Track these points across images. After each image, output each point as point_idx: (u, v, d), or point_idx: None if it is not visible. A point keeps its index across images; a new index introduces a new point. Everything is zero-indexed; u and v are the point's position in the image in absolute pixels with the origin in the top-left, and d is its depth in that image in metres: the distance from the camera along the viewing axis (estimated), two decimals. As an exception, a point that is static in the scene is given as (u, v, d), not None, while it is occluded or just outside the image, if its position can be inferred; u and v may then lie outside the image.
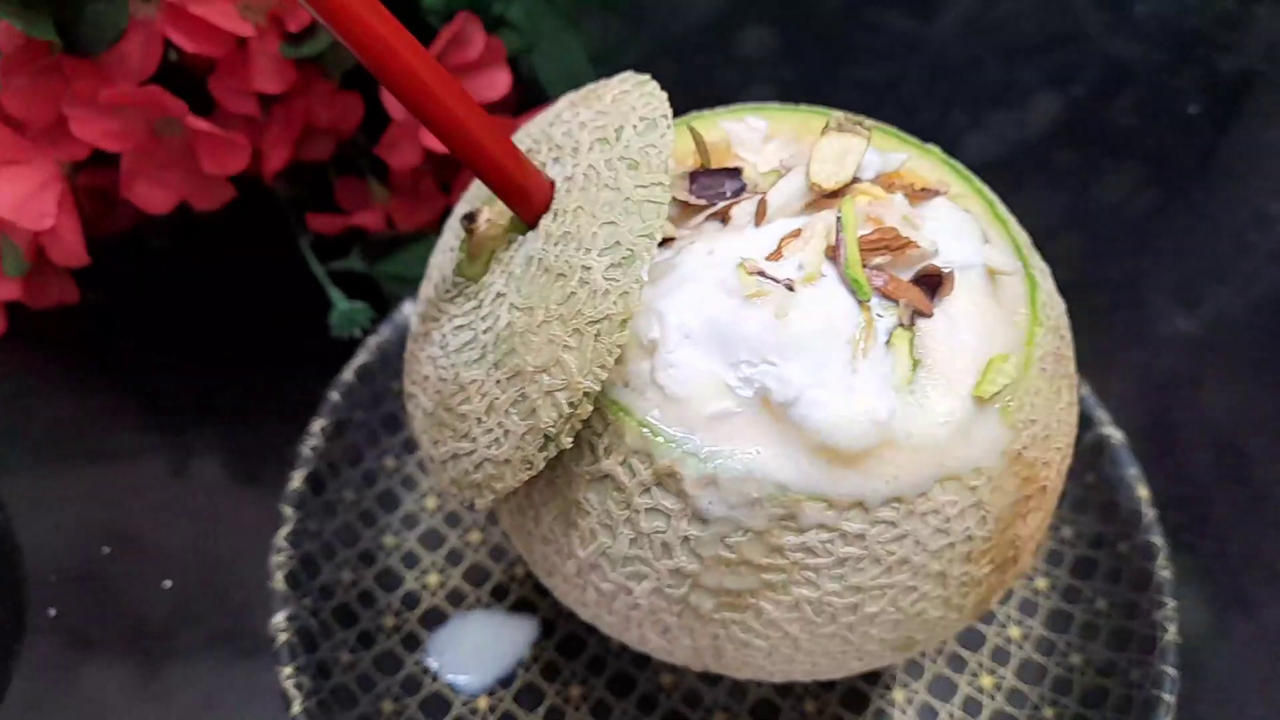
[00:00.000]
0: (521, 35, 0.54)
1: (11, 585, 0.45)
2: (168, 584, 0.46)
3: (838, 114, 0.31)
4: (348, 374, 0.47)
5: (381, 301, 0.53)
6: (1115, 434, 0.46)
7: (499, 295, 0.29)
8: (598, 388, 0.27)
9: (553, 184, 0.29)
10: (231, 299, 0.57)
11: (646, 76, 0.31)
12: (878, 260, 0.29)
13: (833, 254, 0.29)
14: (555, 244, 0.28)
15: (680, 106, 0.33)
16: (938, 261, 0.29)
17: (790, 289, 0.28)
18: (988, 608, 0.33)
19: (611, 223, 0.27)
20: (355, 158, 0.55)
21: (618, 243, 0.27)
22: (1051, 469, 0.31)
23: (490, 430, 0.29)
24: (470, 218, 0.31)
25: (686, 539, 0.28)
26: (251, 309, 0.56)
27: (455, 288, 0.32)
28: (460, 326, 0.30)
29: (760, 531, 0.28)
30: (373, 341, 0.48)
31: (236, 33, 0.44)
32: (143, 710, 0.42)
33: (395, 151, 0.51)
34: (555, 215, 0.28)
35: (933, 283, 0.29)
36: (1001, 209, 0.33)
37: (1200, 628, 0.46)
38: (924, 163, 0.34)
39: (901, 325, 0.28)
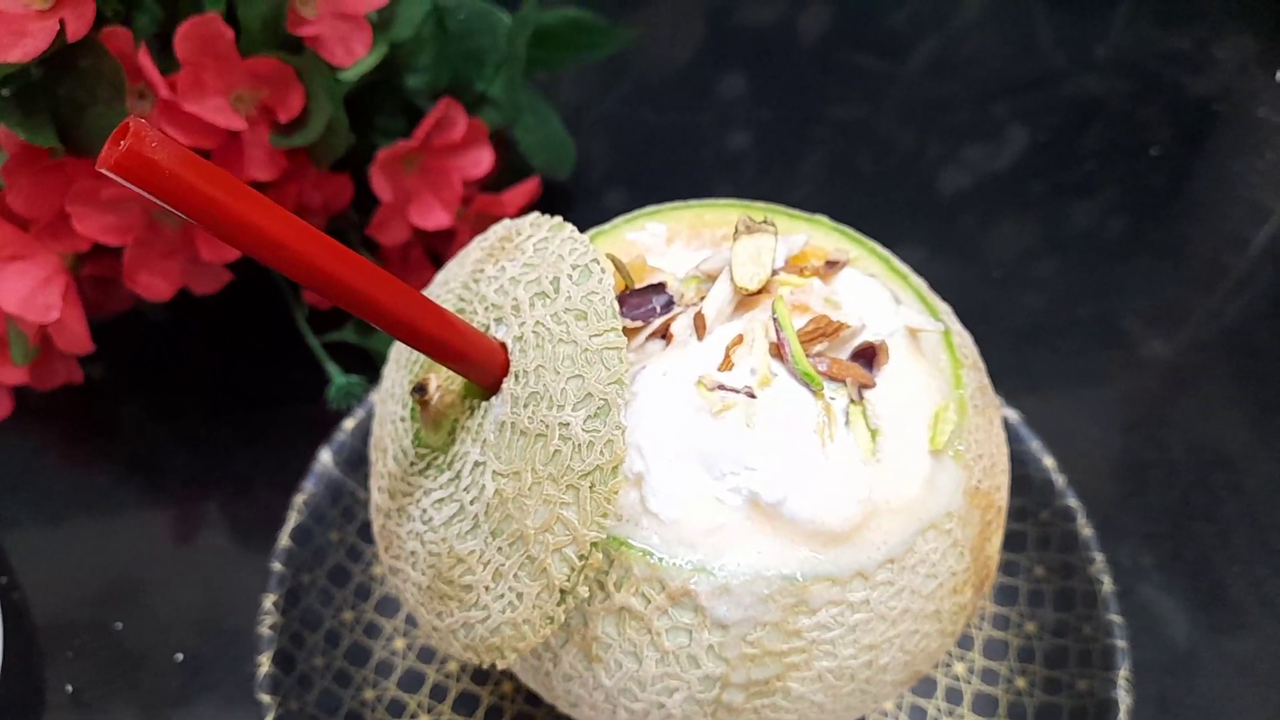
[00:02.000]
0: (501, 111, 0.56)
1: (30, 662, 0.47)
2: (179, 657, 0.47)
3: (741, 218, 0.33)
4: (284, 540, 0.46)
5: (375, 372, 0.55)
6: (1011, 414, 0.51)
7: (477, 464, 0.30)
8: (604, 535, 0.28)
9: (504, 345, 0.30)
10: (231, 371, 0.59)
11: (559, 219, 0.32)
12: (817, 348, 0.31)
13: (777, 352, 0.31)
14: (525, 406, 0.29)
15: (660, 155, 0.35)
16: (867, 335, 0.32)
17: (751, 395, 0.30)
18: (971, 621, 0.36)
19: (577, 376, 0.29)
20: (346, 231, 0.56)
21: (589, 394, 0.28)
22: (1002, 490, 0.34)
23: (503, 595, 0.29)
24: (420, 389, 0.31)
25: (711, 647, 0.30)
26: (250, 381, 0.58)
27: (421, 459, 0.32)
28: (441, 500, 0.31)
29: (777, 622, 0.30)
30: (300, 500, 0.47)
31: (229, 127, 0.46)
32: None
33: (385, 230, 0.53)
34: (516, 377, 0.29)
35: (869, 355, 0.32)
36: (897, 263, 0.36)
37: (1172, 658, 0.50)
38: (820, 234, 0.37)
39: (852, 401, 0.31)
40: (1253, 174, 0.80)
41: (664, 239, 0.37)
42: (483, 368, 0.29)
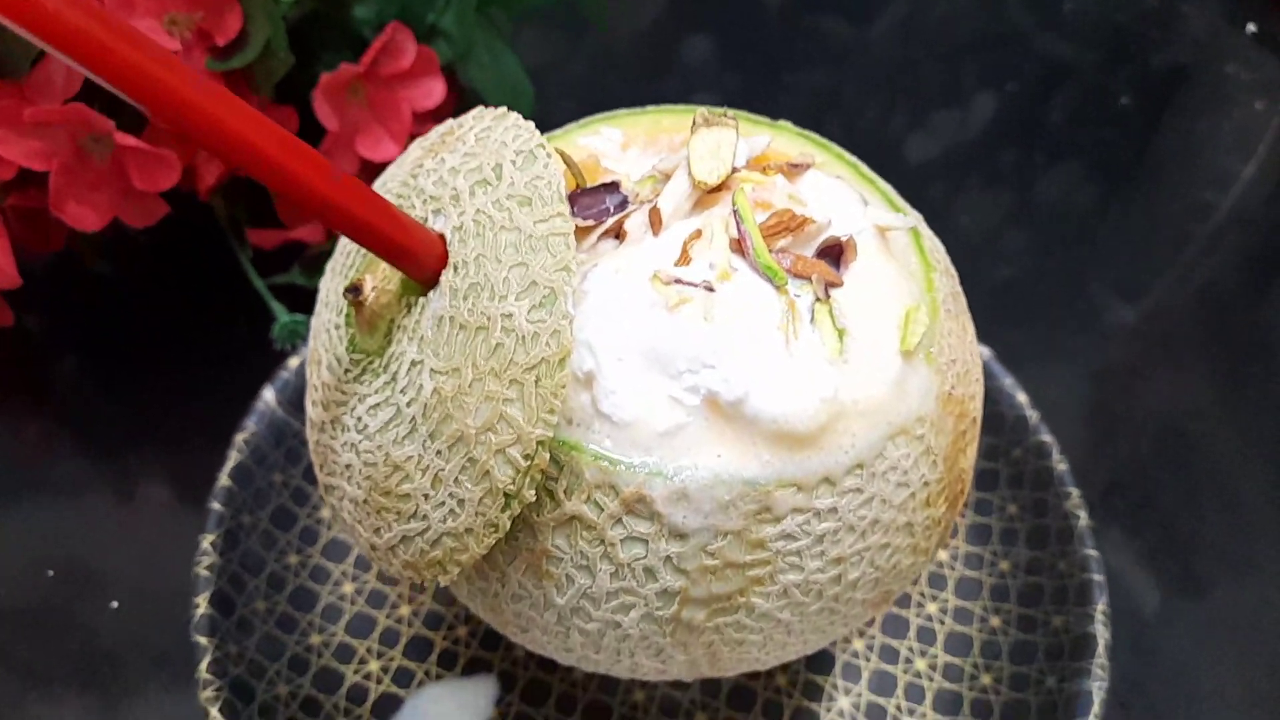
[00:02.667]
0: (453, 45, 0.54)
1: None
2: (114, 604, 0.45)
3: (700, 110, 0.31)
4: (223, 479, 0.44)
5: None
6: (984, 350, 0.49)
7: (415, 363, 0.28)
8: (550, 433, 0.26)
9: (442, 237, 0.28)
10: (172, 319, 0.57)
11: (503, 109, 0.30)
12: (780, 243, 0.29)
13: (738, 247, 0.29)
14: (465, 298, 0.27)
15: None
16: (834, 231, 0.30)
17: (710, 289, 0.28)
18: (945, 542, 0.34)
19: (521, 264, 0.26)
20: None
21: (534, 283, 0.26)
22: (976, 400, 0.32)
23: (443, 503, 0.27)
24: (355, 289, 0.29)
25: (668, 558, 0.28)
26: (192, 329, 0.56)
27: (356, 365, 0.30)
28: (376, 405, 0.29)
29: (738, 531, 0.28)
30: (240, 439, 0.45)
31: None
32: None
33: (332, 161, 0.49)
34: (455, 269, 0.27)
35: (835, 253, 0.30)
36: (865, 169, 0.35)
37: (1148, 610, 0.48)
38: (784, 140, 0.35)
39: (818, 300, 0.29)
40: (1220, 135, 0.79)
41: (619, 145, 0.35)
42: (420, 260, 0.27)
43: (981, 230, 0.68)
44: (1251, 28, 0.82)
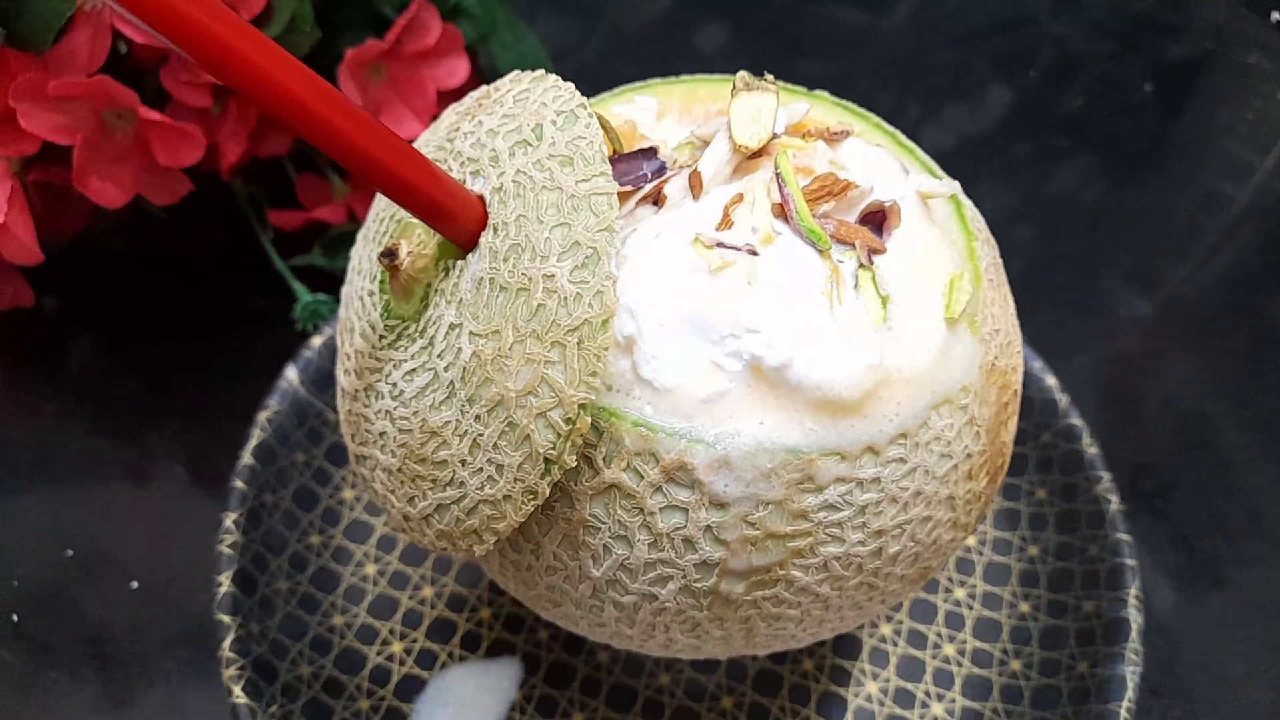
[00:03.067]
0: (476, 25, 0.54)
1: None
2: (134, 585, 0.45)
3: (741, 73, 0.31)
4: (246, 457, 0.43)
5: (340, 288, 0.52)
6: (1012, 333, 0.48)
7: (453, 327, 0.27)
8: (593, 396, 0.26)
9: (481, 198, 0.27)
10: (192, 299, 0.56)
11: (540, 71, 0.29)
12: (824, 208, 0.29)
13: (780, 211, 0.28)
14: (505, 259, 0.26)
15: None
16: (876, 197, 0.30)
17: (753, 253, 0.27)
18: (983, 518, 0.34)
19: (563, 224, 0.26)
20: (313, 151, 0.53)
21: (576, 243, 0.26)
22: (1018, 373, 0.32)
23: (480, 469, 0.27)
24: (390, 254, 0.28)
25: (708, 527, 0.27)
26: (212, 308, 0.56)
27: (391, 331, 0.29)
28: (412, 370, 0.28)
29: (780, 500, 0.27)
30: (263, 418, 0.45)
31: None
32: (106, 716, 0.42)
33: (375, 118, 0.49)
34: (495, 230, 0.27)
35: (878, 219, 0.29)
36: (904, 139, 0.34)
37: (1174, 593, 0.48)
38: (821, 108, 0.34)
39: (862, 266, 0.28)
40: (1240, 125, 0.78)
41: (654, 114, 0.34)
42: (459, 221, 0.27)
43: (996, 220, 0.67)
44: (1276, 15, 0.81)
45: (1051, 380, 0.47)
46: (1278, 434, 0.55)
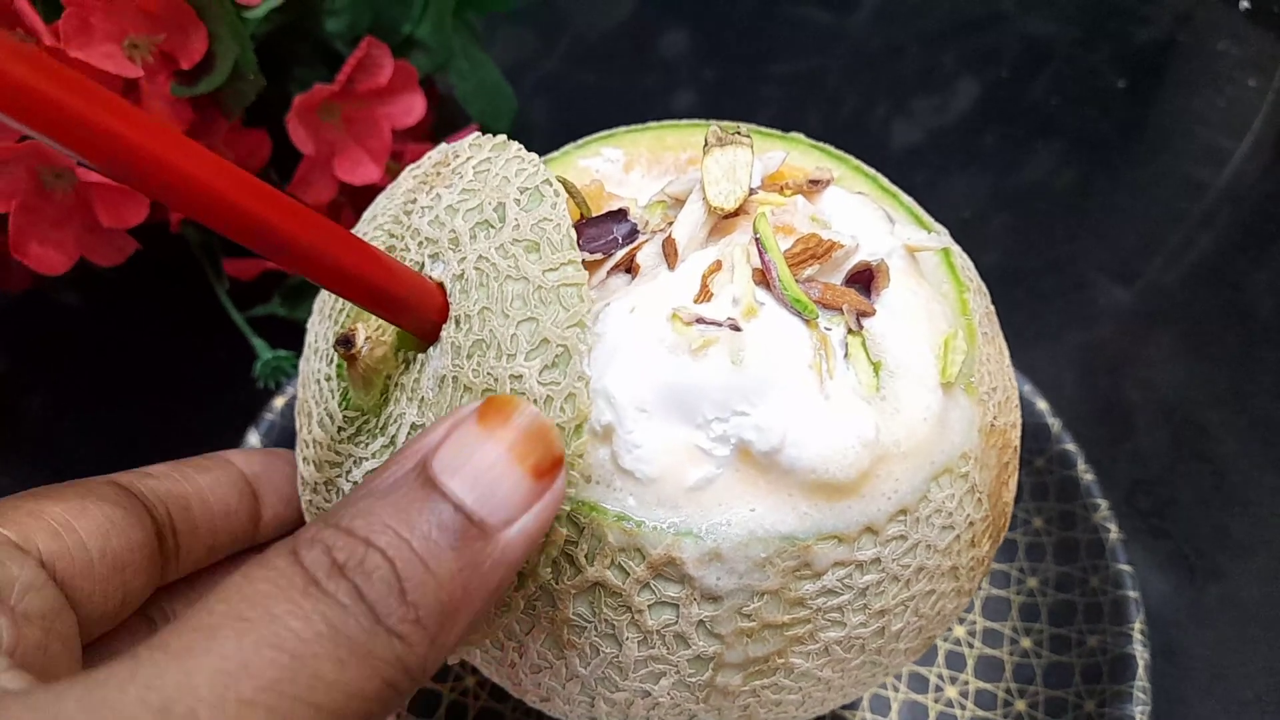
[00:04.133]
0: (431, 55, 0.51)
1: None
2: None
3: (712, 127, 0.29)
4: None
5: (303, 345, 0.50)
6: (1000, 356, 0.47)
7: (414, 426, 0.25)
8: (568, 507, 0.24)
9: (441, 287, 0.25)
10: (147, 355, 0.54)
11: (502, 137, 0.27)
12: (807, 272, 0.27)
13: (762, 278, 0.27)
14: (469, 357, 0.24)
15: (604, 118, 0.30)
16: (862, 256, 0.28)
17: (735, 329, 0.25)
18: (986, 577, 0.32)
19: (530, 319, 0.24)
20: None
21: (545, 340, 0.24)
22: (1017, 429, 0.30)
23: (454, 577, 0.25)
24: (346, 342, 0.26)
25: (701, 622, 0.26)
26: (169, 365, 0.53)
27: (350, 424, 0.27)
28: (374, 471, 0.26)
29: (776, 590, 0.25)
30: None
31: (122, 74, 0.41)
32: None
33: (309, 188, 0.48)
34: (458, 323, 0.25)
35: (865, 279, 0.27)
36: (885, 181, 0.32)
37: (1177, 608, 0.47)
38: (798, 153, 0.32)
39: (851, 331, 0.27)
40: (1213, 112, 0.77)
41: (621, 166, 0.32)
42: (417, 313, 0.25)
43: (968, 215, 0.66)
44: (1245, 4, 0.80)
45: (1043, 404, 0.46)
46: (1275, 440, 0.54)
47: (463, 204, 0.26)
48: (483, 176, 0.26)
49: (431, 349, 0.25)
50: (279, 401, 0.44)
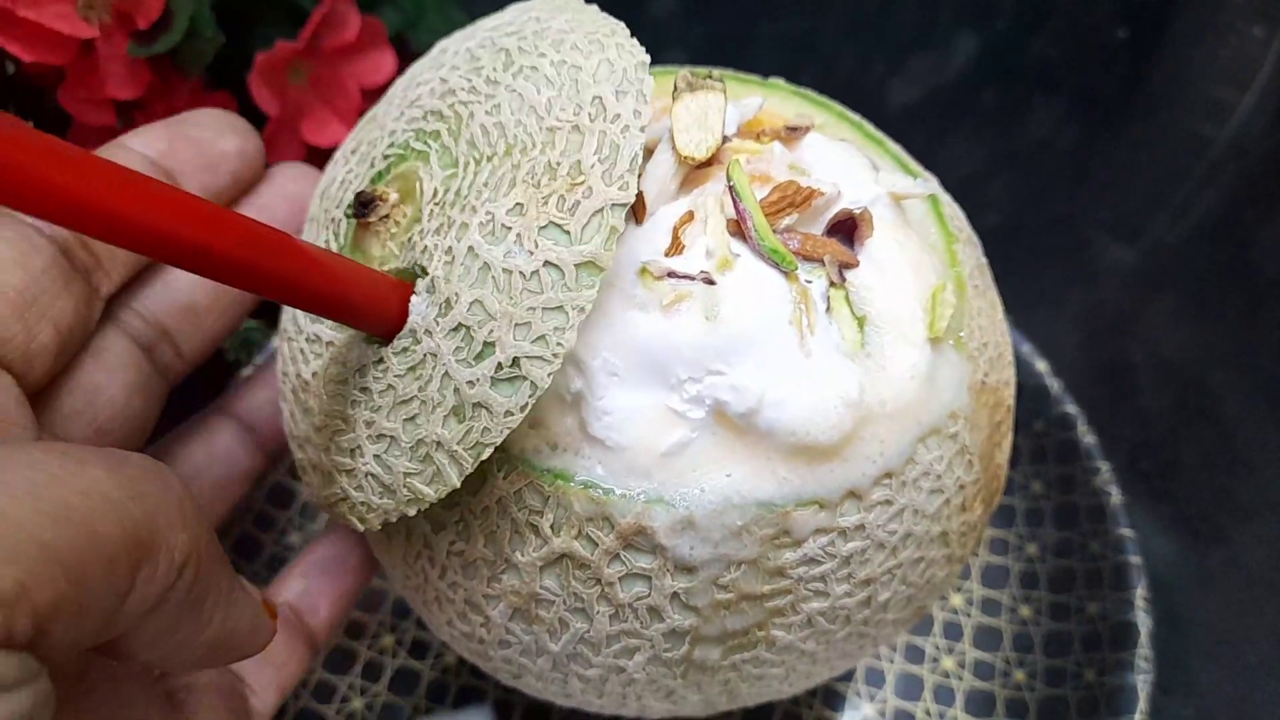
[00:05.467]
0: (402, 11, 0.49)
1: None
2: None
3: (681, 72, 0.27)
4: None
5: (274, 314, 0.47)
6: (996, 316, 0.45)
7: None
8: (531, 478, 0.22)
9: (402, 283, 0.23)
10: None
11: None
12: (786, 221, 0.25)
13: (737, 229, 0.25)
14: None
15: None
16: (844, 204, 0.26)
17: (709, 282, 0.24)
18: (979, 545, 0.31)
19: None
20: None
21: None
22: (1009, 388, 0.29)
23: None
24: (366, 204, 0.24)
25: (675, 594, 0.24)
26: None
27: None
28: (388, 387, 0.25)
29: (754, 559, 0.24)
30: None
31: (77, 35, 0.38)
32: None
33: (274, 151, 0.45)
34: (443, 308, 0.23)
35: (848, 228, 0.26)
36: (871, 128, 0.31)
37: (1181, 572, 0.45)
38: (777, 100, 0.31)
39: (833, 284, 0.25)
40: (1216, 64, 0.75)
41: (591, 116, 0.30)
42: (373, 319, 0.23)
43: (967, 175, 0.64)
44: (1248, -49, 0.78)
45: (1042, 364, 0.44)
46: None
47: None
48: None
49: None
50: (246, 374, 0.43)
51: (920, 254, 0.27)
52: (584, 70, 0.23)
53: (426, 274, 0.23)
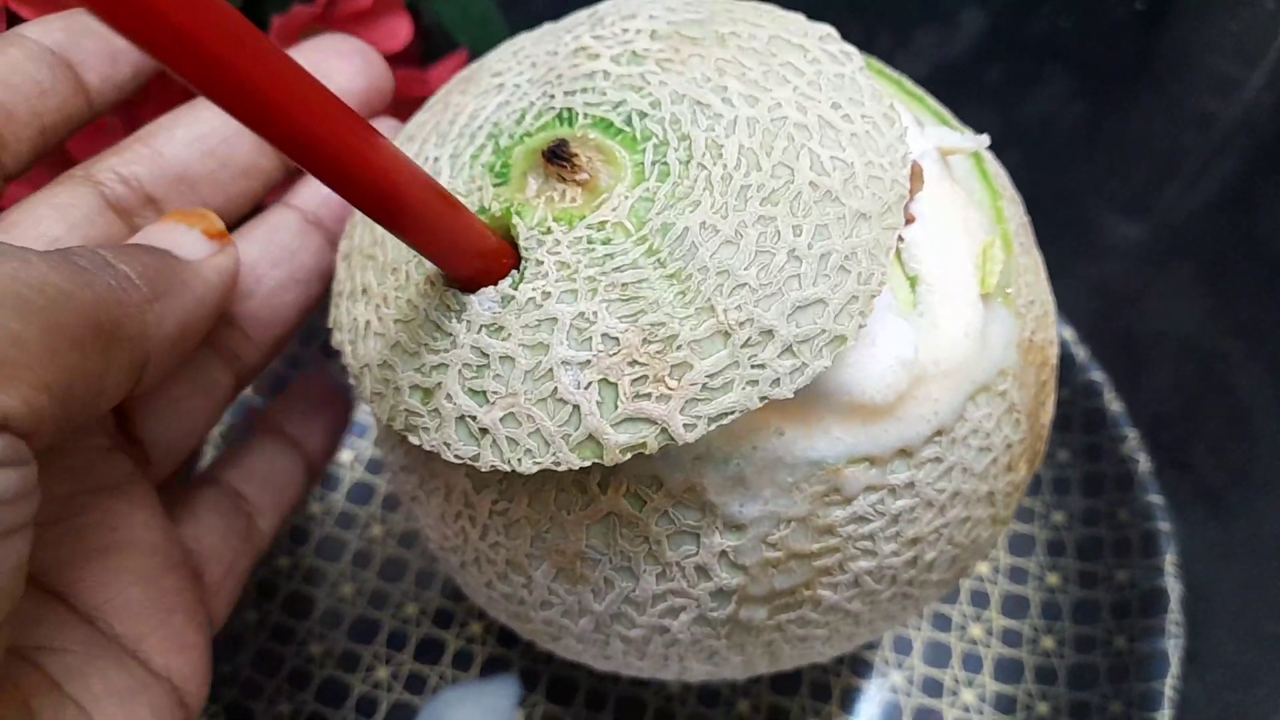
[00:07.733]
0: None
1: None
2: None
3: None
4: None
5: None
6: (1021, 284, 0.45)
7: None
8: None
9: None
10: None
11: None
12: (834, 175, 0.25)
13: (785, 182, 0.24)
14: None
15: None
16: (892, 158, 0.26)
17: (758, 236, 0.23)
18: (1019, 508, 0.31)
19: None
20: None
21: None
22: (1054, 346, 0.28)
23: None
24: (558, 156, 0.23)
25: (723, 553, 0.24)
26: None
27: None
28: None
29: (804, 517, 0.24)
30: (216, 432, 0.41)
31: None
32: None
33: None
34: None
35: (897, 183, 0.25)
36: (911, 85, 0.30)
37: (1204, 547, 0.44)
38: (816, 56, 0.30)
39: (882, 241, 0.24)
40: (1225, 39, 0.74)
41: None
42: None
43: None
44: (1262, -78, 0.77)
45: (1069, 332, 0.44)
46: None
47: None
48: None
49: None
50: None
51: (966, 211, 0.27)
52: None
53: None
